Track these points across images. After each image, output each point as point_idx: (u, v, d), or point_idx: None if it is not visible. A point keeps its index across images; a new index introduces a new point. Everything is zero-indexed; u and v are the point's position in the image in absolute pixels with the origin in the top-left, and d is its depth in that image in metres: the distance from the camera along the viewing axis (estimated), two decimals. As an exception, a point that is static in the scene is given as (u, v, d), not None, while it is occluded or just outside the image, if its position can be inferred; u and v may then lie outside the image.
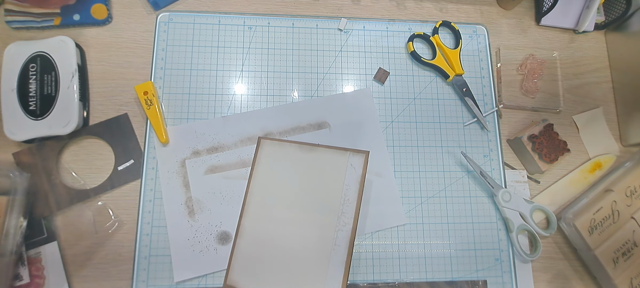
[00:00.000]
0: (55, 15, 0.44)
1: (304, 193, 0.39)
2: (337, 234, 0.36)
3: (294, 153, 0.39)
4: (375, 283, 0.41)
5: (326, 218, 0.37)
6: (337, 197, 0.37)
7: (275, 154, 0.40)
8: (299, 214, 0.38)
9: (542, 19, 0.51)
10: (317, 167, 0.39)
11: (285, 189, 0.39)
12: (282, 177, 0.39)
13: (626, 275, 0.41)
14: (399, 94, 0.47)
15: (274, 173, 0.40)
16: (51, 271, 0.38)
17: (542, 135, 0.45)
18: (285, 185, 0.39)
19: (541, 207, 0.43)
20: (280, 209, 0.39)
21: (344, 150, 0.38)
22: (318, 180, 0.38)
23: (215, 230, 0.40)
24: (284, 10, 0.48)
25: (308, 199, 0.38)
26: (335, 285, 0.35)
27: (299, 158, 0.39)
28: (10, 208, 0.36)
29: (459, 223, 0.43)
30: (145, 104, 0.41)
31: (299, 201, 0.38)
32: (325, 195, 0.38)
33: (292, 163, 0.39)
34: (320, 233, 0.37)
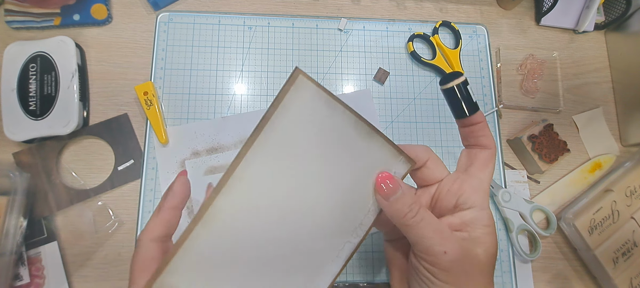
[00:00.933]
0: (55, 15, 0.44)
1: (326, 183, 0.26)
2: (345, 246, 0.28)
3: (337, 123, 0.25)
4: (375, 283, 0.41)
5: (342, 223, 0.27)
6: (363, 202, 0.27)
7: (310, 109, 0.24)
8: (309, 207, 0.26)
9: (542, 19, 0.51)
10: (356, 155, 0.26)
11: (302, 169, 0.25)
12: (305, 148, 0.24)
13: (626, 275, 0.41)
14: (399, 94, 0.47)
15: (296, 138, 0.24)
16: (51, 271, 0.38)
17: (542, 135, 0.45)
18: (304, 163, 0.25)
19: (541, 207, 0.44)
20: (286, 195, 0.25)
21: (398, 152, 0.27)
22: (350, 173, 0.26)
23: (215, 230, 0.40)
24: (284, 10, 0.48)
25: (328, 194, 0.26)
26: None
27: (341, 134, 0.25)
28: (10, 208, 0.36)
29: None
30: (145, 104, 0.41)
31: (315, 191, 0.26)
32: (351, 195, 0.27)
33: (326, 135, 0.25)
34: (327, 240, 0.27)
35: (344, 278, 0.41)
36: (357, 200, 0.27)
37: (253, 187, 0.24)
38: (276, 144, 0.23)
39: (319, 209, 0.26)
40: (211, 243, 0.23)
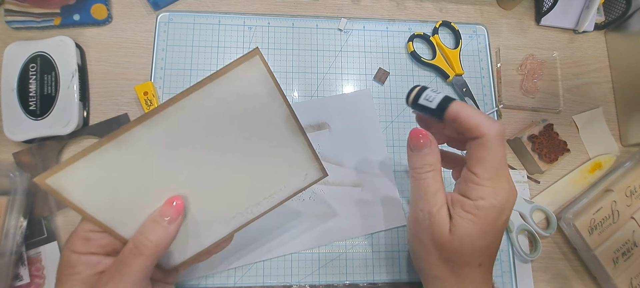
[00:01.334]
0: (55, 15, 0.44)
1: (241, 154, 0.27)
2: (237, 216, 0.29)
3: (271, 110, 0.26)
4: (375, 283, 0.41)
5: (242, 196, 0.29)
6: (269, 186, 0.29)
7: (252, 90, 0.26)
8: (218, 169, 0.27)
9: (542, 19, 0.51)
10: (277, 145, 0.28)
11: (224, 135, 0.26)
12: (235, 120, 0.26)
13: (626, 275, 0.41)
14: (399, 94, 0.46)
15: (229, 107, 0.25)
16: (51, 271, 0.38)
17: (542, 135, 0.45)
18: (228, 131, 0.26)
19: (541, 207, 0.44)
20: (200, 151, 0.26)
21: (315, 158, 0.28)
22: (266, 156, 0.28)
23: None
24: (284, 10, 0.48)
25: (240, 165, 0.28)
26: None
27: (270, 121, 0.27)
28: (10, 208, 0.36)
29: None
30: (145, 104, 0.41)
31: (230, 158, 0.27)
32: (260, 175, 0.28)
33: (257, 116, 0.26)
34: (223, 204, 0.29)
35: (344, 279, 0.41)
36: (264, 181, 0.29)
37: (175, 131, 0.24)
38: (210, 105, 0.24)
39: (226, 175, 0.27)
40: (115, 165, 0.24)
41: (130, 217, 0.26)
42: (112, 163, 0.23)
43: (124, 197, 0.25)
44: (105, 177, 0.24)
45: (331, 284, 0.40)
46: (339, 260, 0.41)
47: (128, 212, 0.25)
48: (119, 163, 0.24)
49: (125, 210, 0.25)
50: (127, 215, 0.25)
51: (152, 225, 0.25)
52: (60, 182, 0.22)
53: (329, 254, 0.41)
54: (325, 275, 0.41)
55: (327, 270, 0.41)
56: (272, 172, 0.29)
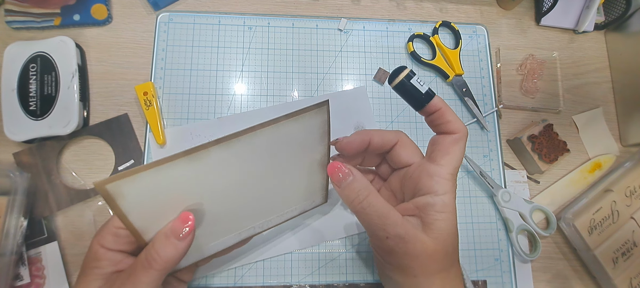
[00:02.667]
0: (55, 16, 0.44)
1: (284, 177, 0.30)
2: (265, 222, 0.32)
3: (313, 146, 0.29)
4: (375, 283, 0.41)
5: (275, 208, 0.32)
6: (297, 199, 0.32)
7: (309, 131, 0.28)
8: (267, 191, 0.30)
9: (542, 19, 0.51)
10: (307, 166, 0.30)
11: (277, 162, 0.28)
12: (289, 151, 0.28)
13: (626, 275, 0.41)
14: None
15: (290, 140, 0.28)
16: (51, 271, 0.38)
17: (542, 135, 0.45)
18: (282, 159, 0.28)
19: (541, 207, 0.44)
20: (260, 174, 0.28)
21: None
22: (299, 177, 0.30)
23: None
24: (284, 10, 0.48)
25: (282, 186, 0.30)
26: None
27: (311, 157, 0.29)
28: (10, 208, 0.36)
29: (458, 223, 0.43)
30: (144, 104, 0.41)
31: (276, 179, 0.29)
32: (293, 191, 0.31)
33: (303, 151, 0.29)
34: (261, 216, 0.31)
35: (344, 279, 0.41)
36: (283, 201, 0.31)
37: (241, 155, 0.26)
38: (275, 138, 0.27)
39: (253, 193, 0.29)
40: (175, 179, 0.24)
41: (161, 226, 0.26)
42: (173, 177, 0.24)
43: (165, 209, 0.25)
44: (159, 189, 0.24)
45: (331, 284, 0.40)
46: (339, 260, 0.41)
47: (162, 222, 0.26)
48: (179, 178, 0.24)
49: (161, 220, 0.26)
50: (159, 225, 0.26)
51: (163, 241, 0.25)
52: (120, 189, 0.22)
53: (329, 254, 0.41)
54: (325, 275, 0.41)
55: (327, 270, 0.41)
56: (291, 195, 0.31)
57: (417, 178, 0.29)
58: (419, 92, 0.29)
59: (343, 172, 0.28)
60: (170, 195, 0.25)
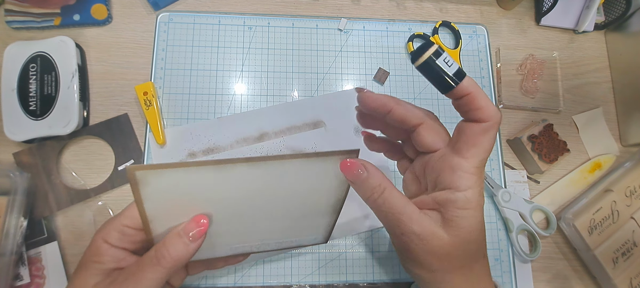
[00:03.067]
0: (55, 16, 0.44)
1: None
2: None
3: (330, 182, 0.28)
4: (375, 283, 0.41)
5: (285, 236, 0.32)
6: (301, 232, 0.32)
7: (326, 171, 0.27)
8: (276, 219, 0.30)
9: (542, 19, 0.51)
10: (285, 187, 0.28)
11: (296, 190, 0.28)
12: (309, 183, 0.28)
13: (626, 275, 0.41)
14: (399, 94, 0.47)
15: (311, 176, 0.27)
16: (51, 271, 0.38)
17: (542, 135, 0.45)
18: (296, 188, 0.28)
19: (541, 207, 0.44)
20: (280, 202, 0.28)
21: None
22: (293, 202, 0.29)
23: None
24: (284, 10, 0.48)
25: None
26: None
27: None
28: (10, 208, 0.36)
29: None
30: (144, 104, 0.41)
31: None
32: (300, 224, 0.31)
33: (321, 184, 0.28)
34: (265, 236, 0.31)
35: (344, 279, 0.41)
36: (287, 230, 0.31)
37: (267, 179, 0.26)
38: (302, 171, 0.26)
39: (263, 218, 0.29)
40: (197, 185, 0.24)
41: (170, 224, 0.27)
42: (196, 181, 0.24)
43: (178, 208, 0.26)
44: (180, 188, 0.24)
45: (331, 284, 0.40)
46: (339, 260, 0.41)
47: (172, 220, 0.26)
48: (200, 184, 0.25)
49: (172, 218, 0.26)
50: (169, 222, 0.26)
51: (175, 239, 0.25)
52: (147, 178, 0.23)
53: (329, 254, 0.41)
54: (325, 275, 0.41)
55: (327, 270, 0.41)
56: (297, 227, 0.31)
57: (439, 170, 0.27)
58: (447, 74, 0.25)
59: (357, 167, 0.26)
60: (187, 196, 0.25)
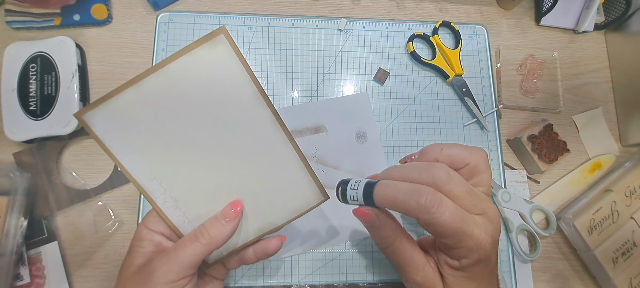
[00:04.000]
0: (55, 16, 0.44)
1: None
2: None
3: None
4: (375, 283, 0.41)
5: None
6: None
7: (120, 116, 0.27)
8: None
9: (542, 19, 0.51)
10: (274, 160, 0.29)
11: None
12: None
13: (626, 275, 0.41)
14: (399, 94, 0.47)
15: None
16: (51, 271, 0.38)
17: (542, 136, 0.45)
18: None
19: (541, 207, 0.44)
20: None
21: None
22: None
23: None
24: (284, 10, 0.48)
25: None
26: None
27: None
28: (10, 208, 0.36)
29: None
30: (145, 104, 0.41)
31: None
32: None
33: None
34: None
35: (344, 279, 0.41)
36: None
37: (171, 79, 0.26)
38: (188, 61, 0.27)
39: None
40: (138, 107, 0.26)
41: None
42: (130, 103, 0.27)
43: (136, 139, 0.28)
44: (124, 115, 0.27)
45: (331, 284, 0.40)
46: (339, 260, 0.41)
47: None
48: (135, 104, 0.27)
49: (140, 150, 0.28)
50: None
51: (213, 221, 0.29)
52: (90, 118, 0.27)
53: (329, 254, 0.41)
54: (325, 275, 0.41)
55: (327, 270, 0.41)
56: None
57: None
58: (356, 199, 0.27)
59: (371, 218, 0.28)
60: (132, 118, 0.27)
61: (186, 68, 0.26)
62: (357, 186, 0.27)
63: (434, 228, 0.24)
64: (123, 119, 0.26)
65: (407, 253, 0.28)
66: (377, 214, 0.28)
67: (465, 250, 0.25)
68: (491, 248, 0.25)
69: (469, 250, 0.25)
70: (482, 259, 0.25)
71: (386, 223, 0.28)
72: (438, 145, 0.29)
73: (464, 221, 0.24)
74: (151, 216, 0.30)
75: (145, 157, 0.28)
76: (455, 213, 0.24)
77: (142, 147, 0.27)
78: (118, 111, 0.26)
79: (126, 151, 0.27)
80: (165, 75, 0.26)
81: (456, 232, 0.24)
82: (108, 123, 0.26)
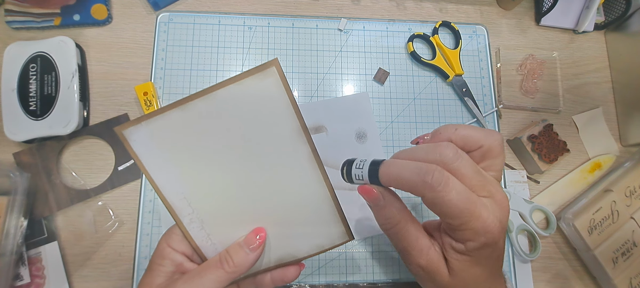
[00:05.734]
0: (55, 16, 0.44)
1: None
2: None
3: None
4: (375, 283, 0.41)
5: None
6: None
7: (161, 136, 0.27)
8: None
9: (542, 19, 0.51)
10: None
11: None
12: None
13: (625, 275, 0.41)
14: (399, 94, 0.47)
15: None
16: (51, 271, 0.38)
17: (542, 136, 0.45)
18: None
19: (541, 207, 0.44)
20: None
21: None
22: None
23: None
24: (284, 10, 0.48)
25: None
26: None
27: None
28: (10, 208, 0.36)
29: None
30: (144, 104, 0.41)
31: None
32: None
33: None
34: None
35: (344, 279, 0.41)
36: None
37: (219, 105, 0.26)
38: (238, 91, 0.27)
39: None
40: (180, 129, 0.26)
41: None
42: (173, 127, 0.26)
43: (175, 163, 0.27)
44: (165, 138, 0.27)
45: (331, 284, 0.40)
46: (339, 260, 0.41)
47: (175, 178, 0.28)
48: (177, 129, 0.27)
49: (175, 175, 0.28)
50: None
51: (237, 248, 0.28)
52: (131, 134, 0.26)
53: (329, 254, 0.41)
54: (325, 275, 0.41)
55: (327, 270, 0.41)
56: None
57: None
58: (362, 178, 0.27)
59: (376, 196, 0.27)
60: (173, 143, 0.27)
61: (234, 96, 0.26)
62: (363, 165, 0.27)
63: (440, 208, 0.23)
64: (164, 138, 0.26)
65: (412, 235, 0.27)
66: (383, 193, 0.27)
67: (471, 233, 0.24)
68: (499, 232, 0.24)
69: (475, 233, 0.24)
70: (489, 243, 0.25)
71: (391, 203, 0.27)
72: (452, 125, 0.28)
73: (471, 201, 0.23)
74: (174, 235, 0.29)
75: (180, 177, 0.28)
76: (463, 193, 0.23)
77: (177, 167, 0.27)
78: (161, 130, 0.26)
79: (161, 170, 0.27)
80: (212, 100, 0.26)
81: (462, 213, 0.23)
82: (148, 141, 0.26)
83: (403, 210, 0.28)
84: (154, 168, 0.27)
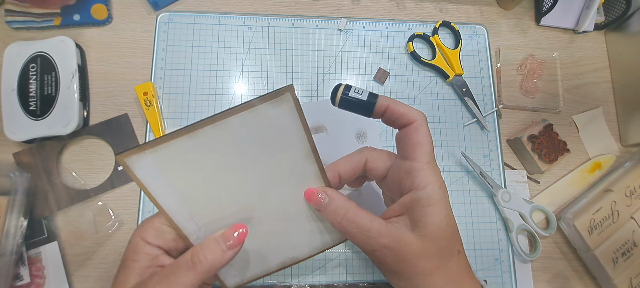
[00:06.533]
0: (55, 16, 0.44)
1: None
2: None
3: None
4: (375, 282, 0.41)
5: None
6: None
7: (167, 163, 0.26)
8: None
9: (542, 19, 0.51)
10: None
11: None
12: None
13: (626, 275, 0.41)
14: (399, 94, 0.47)
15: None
16: (51, 271, 0.38)
17: (542, 136, 0.45)
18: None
19: (541, 207, 0.44)
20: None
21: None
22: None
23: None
24: (284, 10, 0.48)
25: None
26: None
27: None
28: (10, 208, 0.36)
29: (458, 223, 0.43)
30: (144, 104, 0.41)
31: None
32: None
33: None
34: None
35: (344, 279, 0.41)
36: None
37: (230, 132, 0.26)
38: (252, 116, 0.26)
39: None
40: (188, 156, 0.26)
41: (199, 218, 0.28)
42: (179, 153, 0.25)
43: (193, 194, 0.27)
44: (177, 169, 0.26)
45: (331, 284, 0.40)
46: (339, 260, 0.41)
47: (199, 216, 0.27)
48: (182, 157, 0.26)
49: (194, 210, 0.27)
50: (197, 218, 0.28)
51: (212, 245, 0.26)
52: (135, 163, 0.25)
53: (329, 254, 0.41)
54: (325, 275, 0.41)
55: (327, 270, 0.41)
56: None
57: (398, 180, 0.29)
58: (361, 101, 0.29)
59: (317, 193, 0.28)
60: (179, 168, 0.26)
61: (247, 123, 0.26)
62: (362, 91, 0.29)
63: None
64: (170, 166, 0.26)
65: (366, 219, 0.28)
66: (325, 190, 0.28)
67: (415, 132, 0.28)
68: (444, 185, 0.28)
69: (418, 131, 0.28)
70: (443, 186, 0.28)
71: (334, 197, 0.28)
72: None
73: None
74: (150, 228, 0.27)
75: (186, 199, 0.27)
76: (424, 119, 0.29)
77: (184, 191, 0.27)
78: (167, 158, 0.25)
79: (167, 194, 0.26)
80: (224, 127, 0.25)
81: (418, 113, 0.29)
82: (153, 169, 0.25)
83: (348, 201, 0.28)
84: (160, 194, 0.26)
